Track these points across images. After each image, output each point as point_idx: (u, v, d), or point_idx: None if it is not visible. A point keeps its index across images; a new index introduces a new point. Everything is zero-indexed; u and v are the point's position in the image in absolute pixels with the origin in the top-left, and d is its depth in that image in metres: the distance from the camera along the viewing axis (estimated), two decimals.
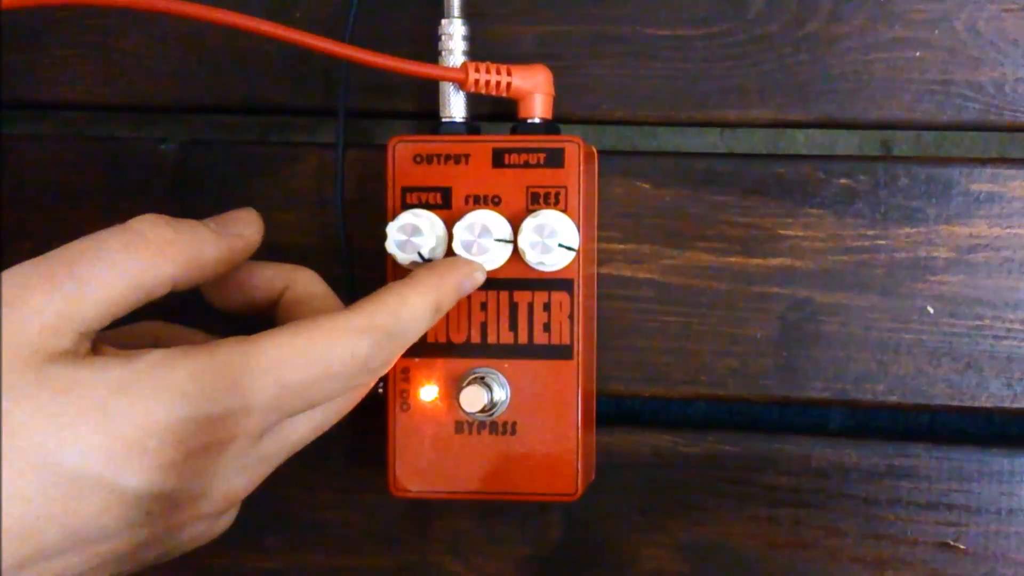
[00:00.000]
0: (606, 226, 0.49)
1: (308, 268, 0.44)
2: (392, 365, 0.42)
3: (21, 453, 0.34)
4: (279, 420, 0.39)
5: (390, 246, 0.44)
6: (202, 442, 0.36)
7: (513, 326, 0.45)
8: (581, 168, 0.44)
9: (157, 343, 0.42)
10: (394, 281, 0.42)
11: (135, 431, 0.35)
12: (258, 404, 0.37)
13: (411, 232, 0.44)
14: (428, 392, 0.45)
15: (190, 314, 0.44)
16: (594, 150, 0.47)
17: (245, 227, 0.41)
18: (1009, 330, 0.47)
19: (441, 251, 0.45)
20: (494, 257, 0.44)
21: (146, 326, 0.44)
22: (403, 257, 0.44)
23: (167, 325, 0.45)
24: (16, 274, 0.36)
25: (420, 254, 0.44)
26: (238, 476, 0.39)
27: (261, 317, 0.44)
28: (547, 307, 0.45)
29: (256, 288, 0.43)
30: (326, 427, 0.42)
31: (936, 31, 0.47)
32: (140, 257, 0.37)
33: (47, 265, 0.36)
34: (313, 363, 0.38)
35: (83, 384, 0.35)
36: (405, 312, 0.41)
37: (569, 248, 0.44)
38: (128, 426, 0.35)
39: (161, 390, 0.36)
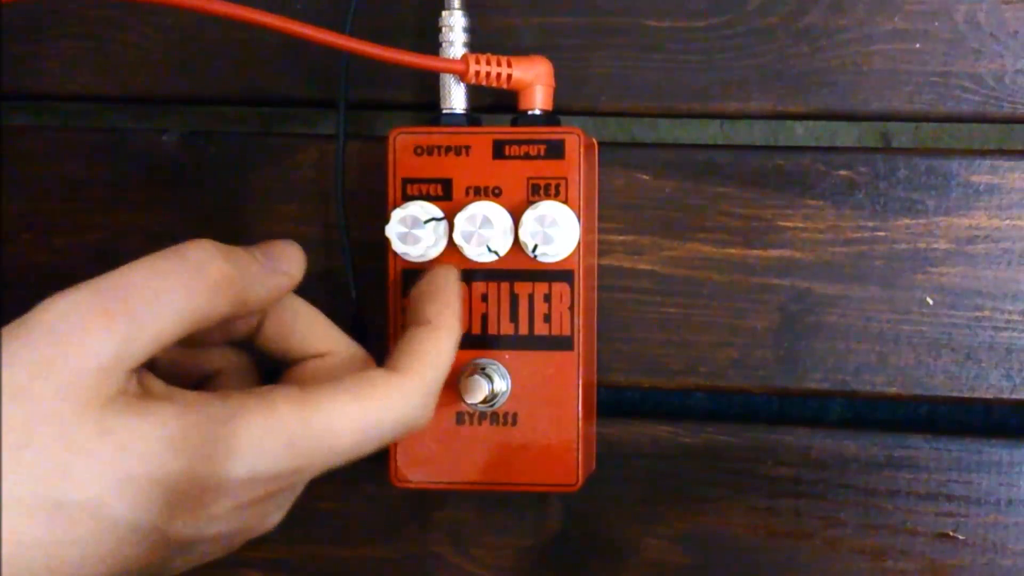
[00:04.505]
0: (606, 217, 0.49)
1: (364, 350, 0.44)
2: None
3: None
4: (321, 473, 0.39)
5: (391, 238, 0.44)
6: (255, 495, 0.37)
7: (514, 317, 0.45)
8: (581, 159, 0.45)
9: (218, 373, 0.42)
10: (416, 327, 0.41)
11: (194, 486, 0.35)
12: (311, 467, 0.38)
13: (412, 224, 0.44)
14: None
15: None
16: (594, 141, 0.47)
17: (292, 264, 0.41)
18: (1008, 321, 0.47)
19: (444, 244, 0.45)
20: (495, 248, 0.44)
21: (212, 355, 0.43)
22: (403, 248, 0.44)
23: (224, 352, 0.43)
24: (70, 306, 0.35)
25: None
26: (272, 516, 0.40)
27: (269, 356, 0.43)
28: (547, 298, 0.45)
29: (302, 341, 0.43)
30: None
31: (936, 23, 0.47)
32: (198, 295, 0.36)
33: (101, 298, 0.35)
34: (367, 430, 0.38)
35: (137, 436, 0.35)
36: (444, 361, 0.41)
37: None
38: (187, 481, 0.35)
39: (224, 446, 0.36)
